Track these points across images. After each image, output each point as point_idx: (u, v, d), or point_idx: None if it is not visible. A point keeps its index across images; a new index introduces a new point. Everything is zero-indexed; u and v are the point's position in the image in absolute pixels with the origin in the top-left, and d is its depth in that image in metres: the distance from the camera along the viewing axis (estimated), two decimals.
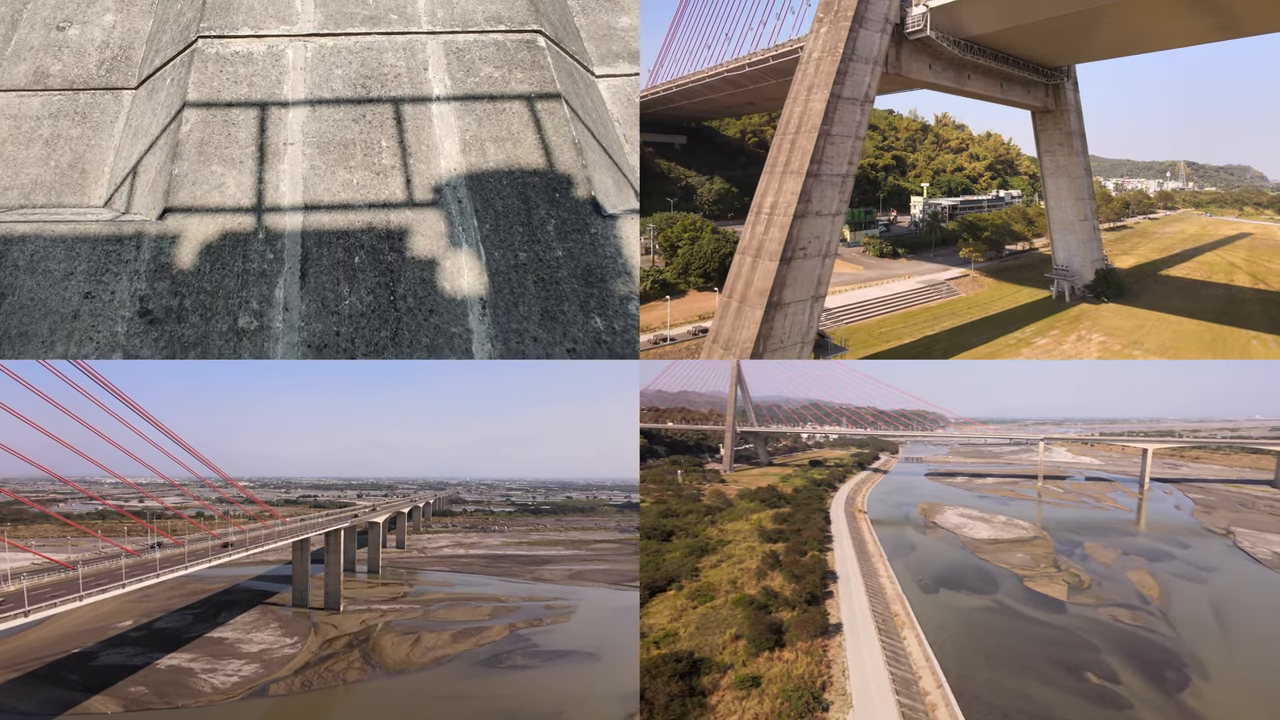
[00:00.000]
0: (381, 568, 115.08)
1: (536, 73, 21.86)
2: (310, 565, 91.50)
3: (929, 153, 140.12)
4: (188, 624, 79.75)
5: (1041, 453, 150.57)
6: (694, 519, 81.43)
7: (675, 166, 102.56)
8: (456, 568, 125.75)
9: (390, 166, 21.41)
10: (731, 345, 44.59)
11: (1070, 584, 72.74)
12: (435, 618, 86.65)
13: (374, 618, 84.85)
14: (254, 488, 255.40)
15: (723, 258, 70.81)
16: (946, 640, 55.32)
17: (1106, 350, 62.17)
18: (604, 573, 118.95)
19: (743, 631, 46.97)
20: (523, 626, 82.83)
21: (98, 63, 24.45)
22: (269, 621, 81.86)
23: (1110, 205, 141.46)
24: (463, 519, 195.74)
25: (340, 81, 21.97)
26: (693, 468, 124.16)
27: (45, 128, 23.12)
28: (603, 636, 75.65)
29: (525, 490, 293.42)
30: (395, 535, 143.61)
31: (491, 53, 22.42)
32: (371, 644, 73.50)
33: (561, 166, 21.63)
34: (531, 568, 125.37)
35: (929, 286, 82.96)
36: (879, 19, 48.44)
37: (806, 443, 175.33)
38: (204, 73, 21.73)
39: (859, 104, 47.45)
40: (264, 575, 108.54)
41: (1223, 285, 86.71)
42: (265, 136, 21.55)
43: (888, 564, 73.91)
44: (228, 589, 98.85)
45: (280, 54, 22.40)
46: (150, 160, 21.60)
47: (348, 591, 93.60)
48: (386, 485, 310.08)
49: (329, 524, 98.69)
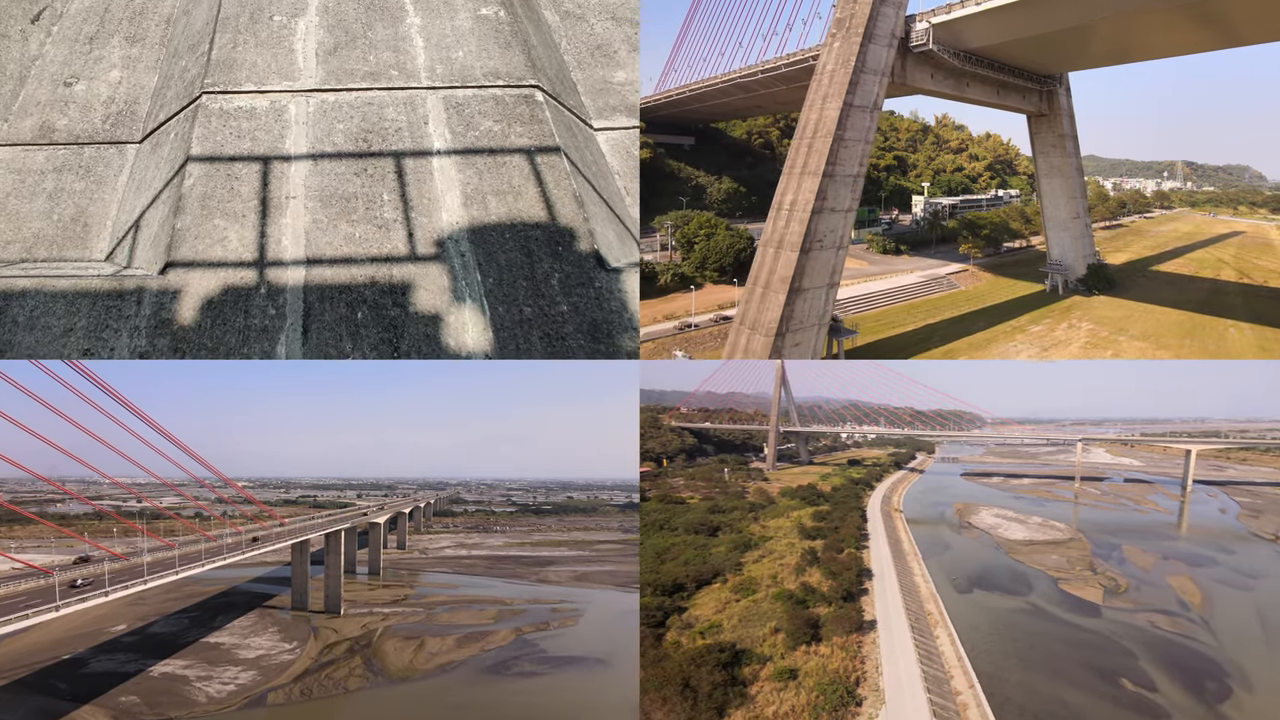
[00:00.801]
0: (382, 569, 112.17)
1: (535, 126, 21.23)
2: (310, 567, 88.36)
3: (929, 153, 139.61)
4: (183, 628, 76.51)
5: (1079, 453, 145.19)
6: (738, 515, 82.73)
7: (685, 166, 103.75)
8: (459, 569, 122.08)
9: (392, 220, 20.82)
10: (758, 326, 48.31)
11: (1107, 587, 70.44)
12: (438, 621, 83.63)
13: (375, 621, 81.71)
14: (253, 488, 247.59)
15: (737, 253, 75.71)
16: (979, 640, 54.44)
17: (1095, 336, 64.93)
18: (610, 574, 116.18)
19: (782, 625, 47.87)
20: (529, 631, 79.98)
21: (103, 117, 23.83)
22: (267, 625, 78.59)
23: (1106, 205, 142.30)
24: (464, 519, 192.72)
25: (342, 136, 21.34)
26: (738, 466, 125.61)
27: (49, 181, 22.52)
28: (612, 641, 72.83)
29: (526, 490, 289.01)
30: (396, 536, 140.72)
31: (491, 107, 21.79)
32: (373, 649, 70.58)
33: (563, 220, 21.05)
34: (535, 569, 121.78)
35: (930, 280, 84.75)
36: (886, 34, 51.73)
37: (845, 442, 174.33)
38: (207, 127, 21.11)
39: (868, 111, 51.14)
40: (262, 577, 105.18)
41: (1209, 280, 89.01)
42: (268, 190, 20.96)
43: (922, 563, 72.53)
44: (225, 591, 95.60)
45: (283, 109, 21.76)
46: (153, 214, 21.02)
47: (348, 594, 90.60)
48: (386, 485, 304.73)
49: (329, 524, 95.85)
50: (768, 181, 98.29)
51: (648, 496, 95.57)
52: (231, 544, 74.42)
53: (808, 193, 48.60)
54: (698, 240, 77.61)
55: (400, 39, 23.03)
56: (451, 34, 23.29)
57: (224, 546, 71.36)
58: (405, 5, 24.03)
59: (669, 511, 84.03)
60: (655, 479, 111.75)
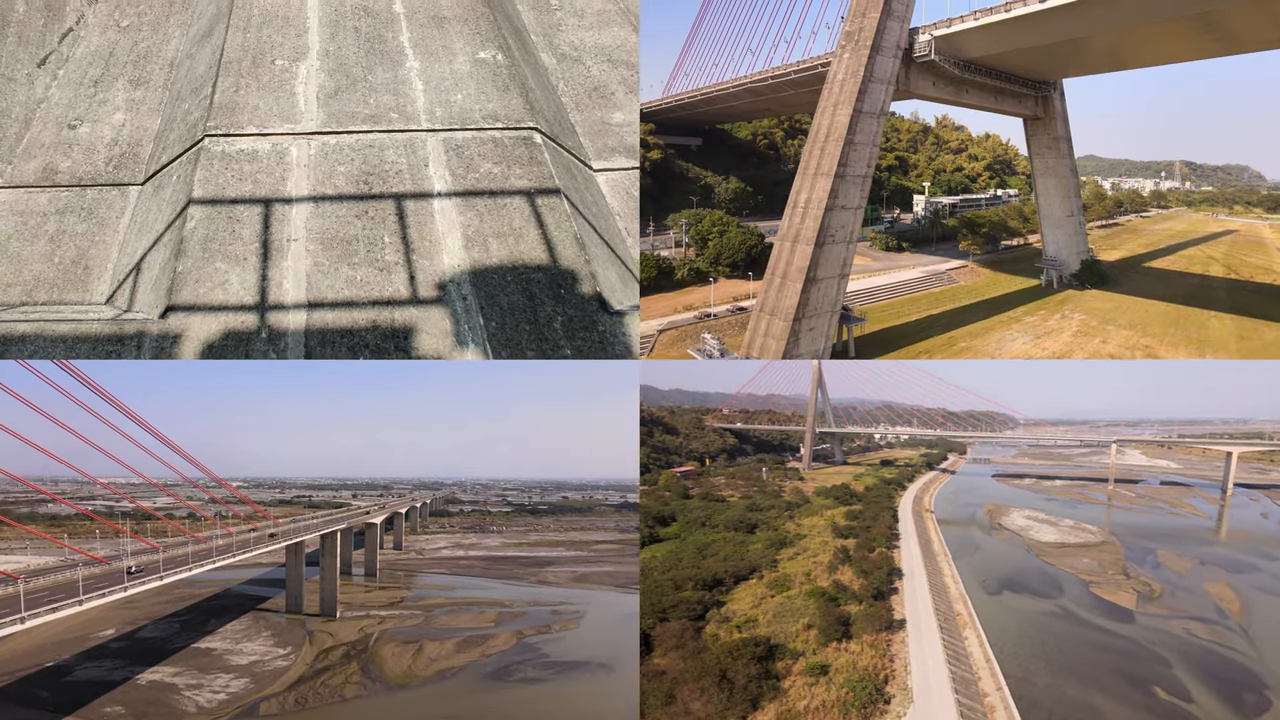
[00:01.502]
0: (379, 570, 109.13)
1: (535, 168, 20.66)
2: (305, 568, 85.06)
3: (930, 153, 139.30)
4: (173, 633, 72.87)
5: (1113, 455, 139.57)
6: (775, 513, 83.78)
7: (693, 167, 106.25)
8: (456, 570, 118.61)
9: (393, 263, 20.35)
10: (777, 312, 51.95)
11: (1140, 593, 67.87)
12: (437, 625, 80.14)
13: (372, 625, 78.16)
14: (248, 488, 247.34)
15: (749, 249, 78.18)
16: (1008, 643, 53.05)
17: (1085, 325, 66.80)
18: (609, 575, 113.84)
19: (814, 621, 48.39)
20: (530, 634, 76.95)
21: (106, 159, 23.29)
22: (260, 630, 75.03)
23: (1103, 204, 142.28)
24: (460, 519, 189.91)
25: (343, 178, 20.78)
26: (776, 465, 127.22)
27: (51, 224, 22.00)
28: (615, 645, 70.19)
29: (521, 490, 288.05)
30: (392, 536, 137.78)
31: (490, 149, 21.22)
32: (370, 655, 67.22)
33: (565, 262, 20.55)
34: (534, 570, 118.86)
35: (931, 275, 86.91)
36: (892, 46, 54.80)
37: (879, 443, 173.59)
38: (209, 170, 20.55)
39: (876, 117, 54.57)
40: (256, 579, 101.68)
41: (1198, 275, 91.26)
42: (269, 233, 20.49)
43: (952, 563, 71.42)
44: (218, 594, 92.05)
45: (284, 151, 21.20)
46: (154, 256, 20.53)
47: (344, 596, 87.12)
48: (382, 485, 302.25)
49: (324, 525, 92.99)
50: (773, 181, 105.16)
51: (690, 494, 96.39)
52: (222, 545, 72.44)
53: (821, 192, 52.42)
54: (711, 237, 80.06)
55: (400, 82, 22.45)
56: (450, 77, 22.71)
57: (214, 549, 69.01)
58: (405, 49, 23.46)
59: (710, 509, 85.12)
60: (698, 477, 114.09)
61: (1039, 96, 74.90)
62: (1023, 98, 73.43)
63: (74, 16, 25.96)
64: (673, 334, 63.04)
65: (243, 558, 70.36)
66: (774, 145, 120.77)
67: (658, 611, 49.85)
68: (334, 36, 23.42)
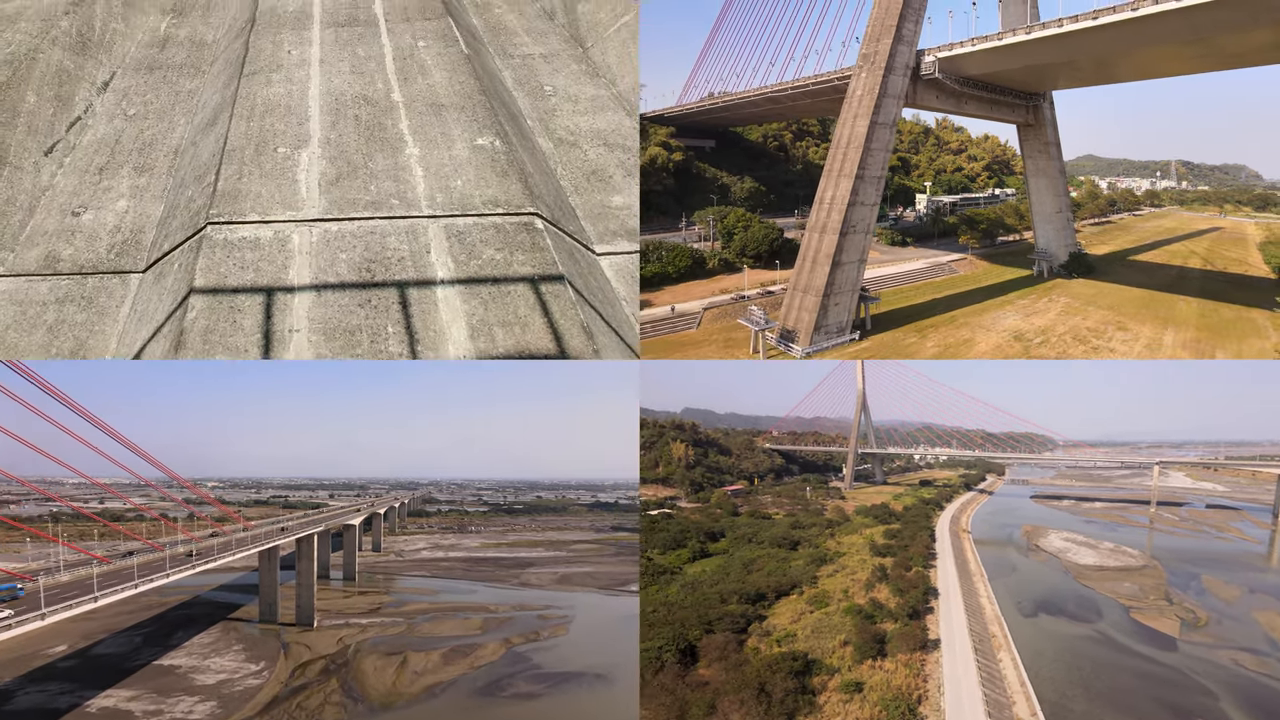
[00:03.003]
0: (358, 573, 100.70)
1: (537, 254, 18.62)
2: (280, 572, 77.23)
3: (931, 154, 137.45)
4: (133, 648, 64.23)
5: (1156, 477, 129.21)
6: (816, 531, 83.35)
7: (709, 168, 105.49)
8: (437, 572, 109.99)
9: (397, 354, 18.75)
10: (809, 289, 58.67)
11: (1184, 620, 62.18)
12: (421, 633, 72.88)
13: (352, 634, 70.73)
14: (224, 488, 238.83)
15: (770, 241, 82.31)
16: (1043, 667, 49.56)
17: (1069, 308, 69.90)
18: (591, 576, 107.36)
19: (850, 639, 47.38)
20: (519, 642, 70.16)
21: (108, 247, 21.35)
22: (231, 642, 66.85)
23: (1096, 202, 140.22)
24: (438, 519, 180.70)
25: (345, 265, 18.83)
26: (819, 485, 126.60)
27: (50, 313, 20.18)
28: (609, 652, 65.23)
29: (496, 490, 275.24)
30: (371, 537, 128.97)
31: (492, 235, 19.19)
32: (351, 670, 59.77)
33: (573, 351, 19.11)
34: (516, 571, 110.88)
35: (933, 267, 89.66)
36: (902, 66, 61.27)
37: (918, 464, 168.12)
38: (212, 258, 18.62)
39: (888, 127, 61.21)
40: (228, 584, 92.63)
41: (1177, 267, 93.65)
42: (271, 323, 18.85)
43: (988, 584, 67.26)
44: (186, 602, 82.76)
45: (286, 239, 19.19)
46: (154, 348, 19.01)
47: (322, 602, 79.21)
48: (359, 485, 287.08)
49: (299, 528, 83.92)
50: (783, 181, 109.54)
51: (739, 512, 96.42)
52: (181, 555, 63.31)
53: (844, 190, 58.56)
54: (736, 231, 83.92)
55: (400, 169, 20.40)
56: (450, 163, 20.64)
57: (168, 559, 59.29)
58: (404, 136, 21.40)
59: (757, 526, 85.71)
60: (747, 496, 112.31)
61: (1030, 106, 78.31)
62: (1016, 107, 77.30)
63: (82, 105, 24.15)
64: (714, 311, 67.58)
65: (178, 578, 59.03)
66: (783, 147, 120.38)
67: (704, 623, 48.81)
68: (335, 124, 21.42)
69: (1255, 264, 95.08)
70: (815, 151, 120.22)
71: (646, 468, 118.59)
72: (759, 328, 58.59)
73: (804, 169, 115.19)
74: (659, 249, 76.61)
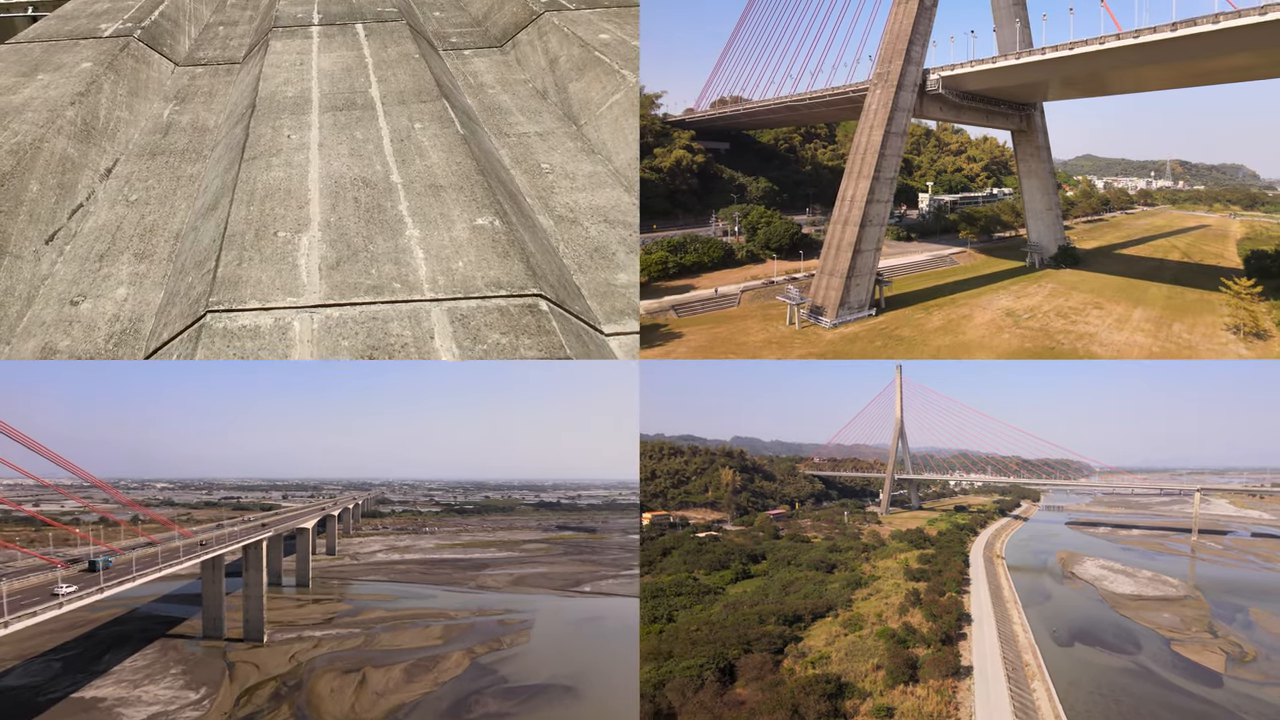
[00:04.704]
0: (311, 579, 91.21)
1: (544, 338, 16.65)
2: (230, 579, 68.06)
3: (932, 155, 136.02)
4: (50, 677, 52.76)
5: (1197, 504, 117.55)
6: (853, 555, 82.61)
7: (725, 169, 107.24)
8: (394, 576, 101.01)
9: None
10: (834, 272, 62.56)
11: (1229, 654, 55.84)
12: (379, 645, 65.29)
13: (306, 649, 62.23)
14: (173, 489, 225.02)
15: (791, 235, 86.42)
16: (1079, 699, 45.48)
17: (1055, 292, 73.84)
18: (545, 577, 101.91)
19: (883, 662, 45.13)
20: (482, 652, 63.94)
21: (106, 336, 19.48)
22: (169, 664, 56.67)
23: (1089, 201, 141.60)
24: (392, 520, 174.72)
25: (347, 353, 16.62)
26: (856, 509, 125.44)
27: None
28: (574, 661, 61.18)
29: (446, 490, 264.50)
30: (325, 540, 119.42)
31: (496, 319, 17.19)
32: (305, 692, 50.99)
33: None
34: (471, 574, 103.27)
35: (935, 259, 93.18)
36: (911, 84, 66.49)
37: (953, 489, 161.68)
38: (211, 348, 16.55)
39: (900, 136, 66.53)
40: (171, 595, 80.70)
41: (1157, 259, 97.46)
42: None
43: (1021, 611, 62.70)
44: (120, 617, 70.84)
45: (287, 326, 17.23)
46: None
47: (274, 613, 70.21)
48: (312, 486, 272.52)
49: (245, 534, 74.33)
50: (794, 181, 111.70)
51: (780, 535, 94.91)
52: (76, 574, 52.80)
53: (863, 190, 63.41)
54: (760, 227, 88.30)
55: (401, 251, 18.54)
56: (450, 245, 18.79)
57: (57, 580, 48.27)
58: (404, 217, 19.53)
59: (796, 548, 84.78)
60: (788, 520, 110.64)
61: (1023, 114, 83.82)
62: (1010, 115, 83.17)
63: (85, 192, 22.43)
64: (750, 293, 72.26)
65: (72, 608, 46.60)
66: (793, 149, 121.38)
67: (743, 643, 47.12)
68: (335, 207, 19.58)
69: (1229, 257, 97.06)
70: (823, 153, 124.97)
71: (697, 492, 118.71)
72: (795, 302, 64.31)
73: (813, 170, 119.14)
74: (694, 241, 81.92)
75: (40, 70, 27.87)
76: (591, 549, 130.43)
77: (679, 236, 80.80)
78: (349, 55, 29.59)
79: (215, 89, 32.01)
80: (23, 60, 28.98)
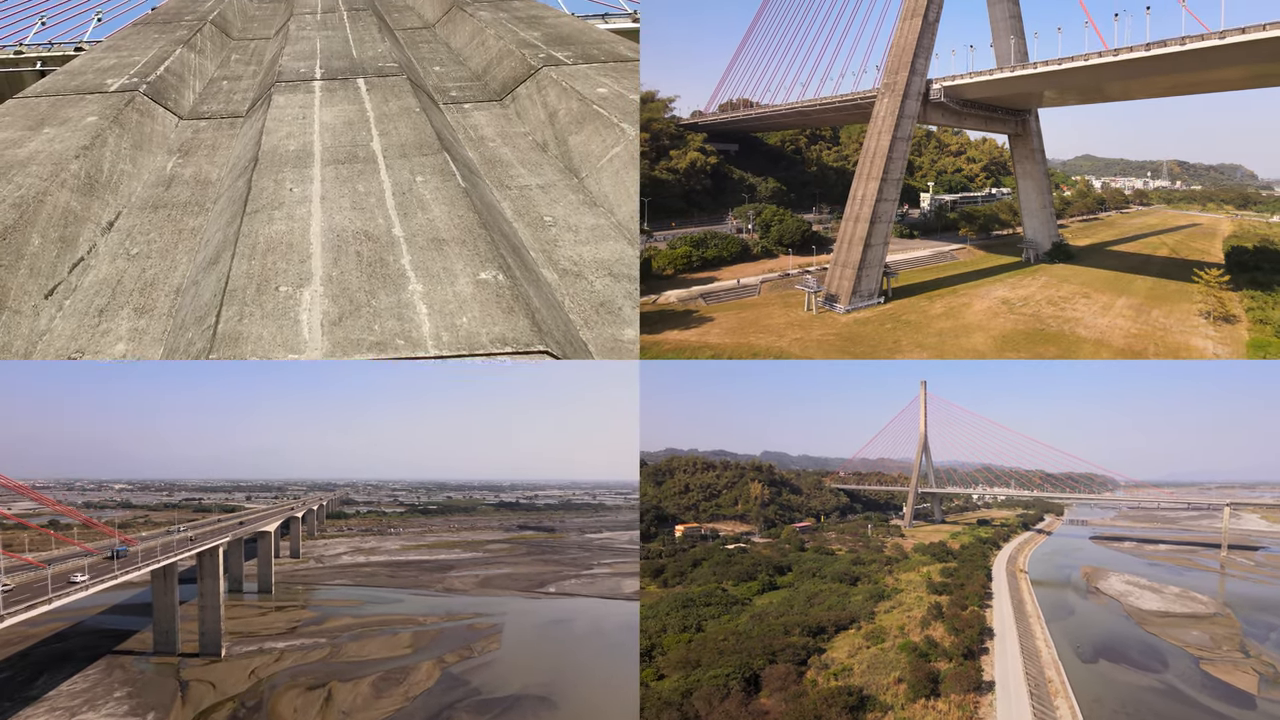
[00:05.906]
0: (274, 584, 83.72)
1: None
2: (186, 587, 61.62)
3: (933, 156, 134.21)
4: None
5: (1226, 518, 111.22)
6: (876, 567, 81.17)
7: (735, 170, 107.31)
8: (359, 579, 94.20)
9: None
10: (847, 264, 64.54)
11: (1262, 675, 52.04)
12: (346, 656, 59.21)
13: (267, 664, 55.65)
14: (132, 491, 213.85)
15: (803, 232, 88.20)
16: (1104, 716, 43.09)
17: (1047, 284, 74.83)
18: (510, 578, 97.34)
19: (904, 676, 43.81)
20: (453, 661, 59.07)
21: None
22: (114, 686, 48.84)
23: (1085, 201, 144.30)
24: (356, 521, 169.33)
25: None
26: (880, 523, 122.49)
27: None
28: (547, 669, 56.99)
29: (409, 490, 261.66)
30: (290, 542, 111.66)
31: None
32: (266, 713, 44.75)
33: None
34: (438, 575, 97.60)
35: (937, 254, 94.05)
36: (915, 93, 68.08)
37: (976, 503, 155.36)
38: None
39: (905, 140, 68.66)
40: (120, 605, 71.89)
41: (1145, 255, 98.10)
42: None
43: (1044, 626, 59.48)
44: (61, 632, 62.43)
45: None
46: None
47: (233, 622, 63.30)
48: (276, 487, 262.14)
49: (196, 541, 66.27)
50: (800, 181, 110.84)
51: (805, 547, 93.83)
52: None
53: (872, 190, 65.34)
54: (773, 224, 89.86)
55: (403, 306, 16.93)
56: (453, 300, 17.18)
57: None
58: (406, 272, 17.98)
59: (821, 561, 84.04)
60: (814, 533, 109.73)
61: (1019, 120, 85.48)
62: (1007, 121, 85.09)
63: (86, 246, 21.05)
64: (769, 284, 74.31)
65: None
66: (799, 151, 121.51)
67: (768, 654, 46.35)
68: (336, 261, 18.07)
69: (1214, 253, 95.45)
70: (828, 154, 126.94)
71: (727, 505, 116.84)
72: (812, 290, 67.13)
73: (819, 171, 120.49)
74: (714, 237, 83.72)
75: (46, 124, 27.37)
76: (553, 549, 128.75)
77: (699, 233, 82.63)
78: (351, 109, 28.96)
79: (218, 142, 30.86)
80: (30, 114, 28.98)
